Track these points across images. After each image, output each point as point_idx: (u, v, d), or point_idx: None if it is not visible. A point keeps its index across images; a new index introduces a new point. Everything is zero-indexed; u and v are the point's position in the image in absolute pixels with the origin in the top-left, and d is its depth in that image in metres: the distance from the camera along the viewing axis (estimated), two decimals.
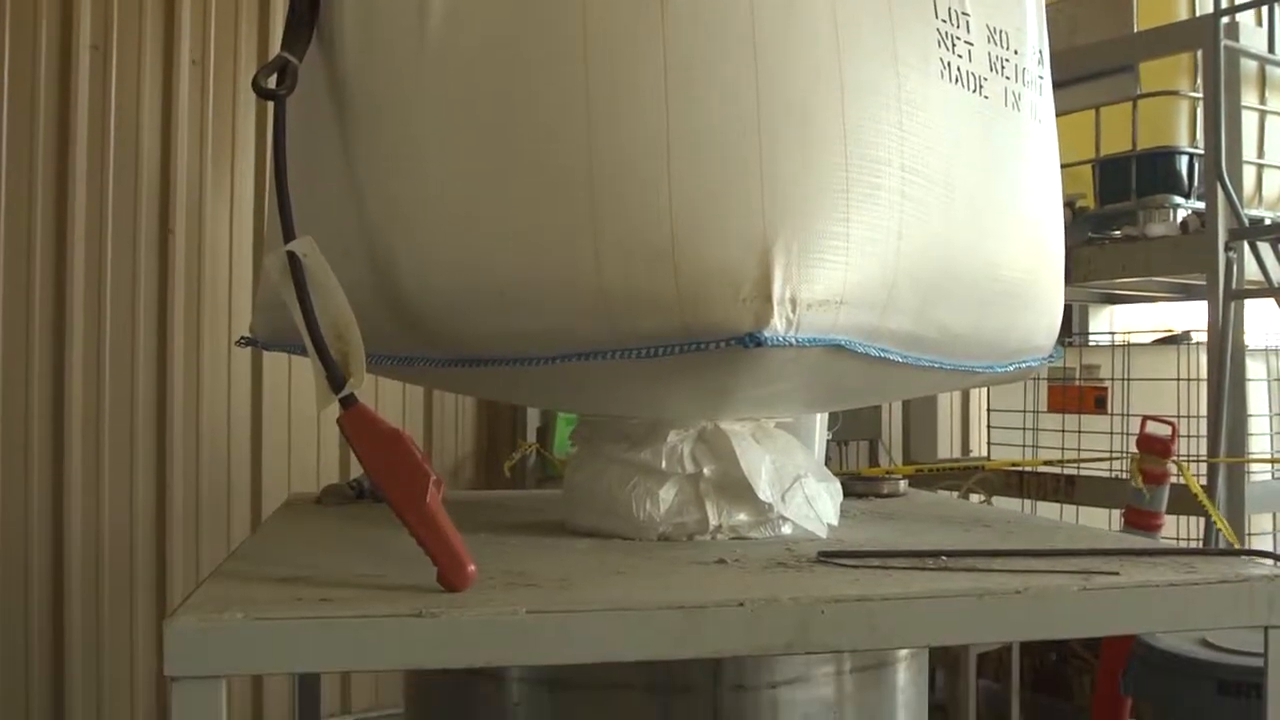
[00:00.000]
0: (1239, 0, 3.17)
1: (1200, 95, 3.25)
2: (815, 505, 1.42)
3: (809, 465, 1.46)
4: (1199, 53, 3.21)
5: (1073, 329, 4.27)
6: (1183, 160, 3.33)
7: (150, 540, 3.66)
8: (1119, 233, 3.46)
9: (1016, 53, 1.45)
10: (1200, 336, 3.36)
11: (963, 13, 1.37)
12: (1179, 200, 3.32)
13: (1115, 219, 3.48)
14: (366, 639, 0.96)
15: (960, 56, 1.35)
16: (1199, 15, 3.37)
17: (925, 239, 1.27)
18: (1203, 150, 3.23)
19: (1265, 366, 3.41)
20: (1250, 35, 3.21)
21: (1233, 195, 3.05)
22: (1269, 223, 3.20)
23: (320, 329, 1.15)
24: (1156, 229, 3.30)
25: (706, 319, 1.14)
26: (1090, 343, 3.97)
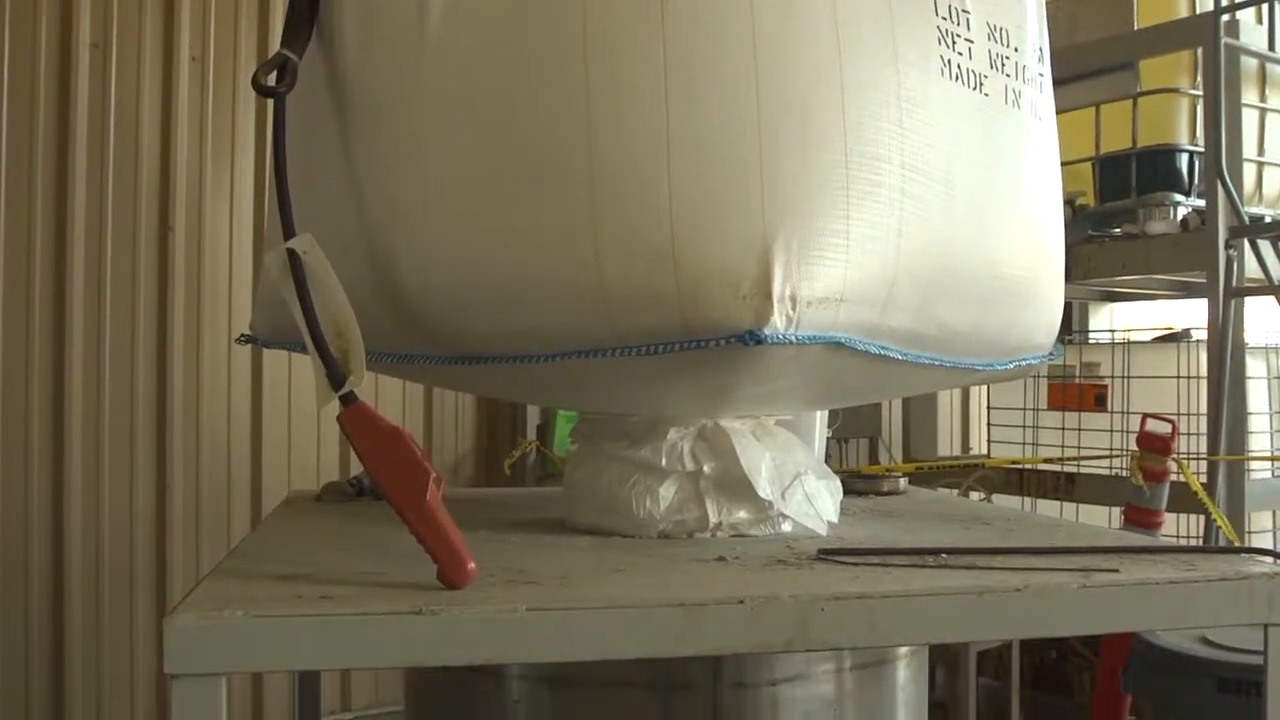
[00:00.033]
0: None
1: (1200, 93, 3.25)
2: (815, 503, 1.42)
3: (809, 463, 1.46)
4: (1199, 50, 3.21)
5: (1073, 327, 4.27)
6: (1183, 158, 3.33)
7: (150, 538, 3.66)
8: (1119, 230, 3.46)
9: (1017, 50, 1.44)
10: (1200, 334, 3.36)
11: (963, 10, 1.37)
12: (1179, 198, 3.32)
13: (1115, 217, 3.48)
14: (366, 636, 0.96)
15: (960, 54, 1.35)
16: (1199, 13, 3.36)
17: (925, 236, 1.27)
18: (1203, 148, 3.23)
19: (1265, 364, 3.41)
20: (1250, 33, 3.21)
21: (1233, 193, 3.05)
22: (1269, 220, 3.20)
23: (320, 326, 1.15)
24: (1157, 227, 3.30)
25: (707, 316, 1.14)
26: (1090, 340, 3.97)
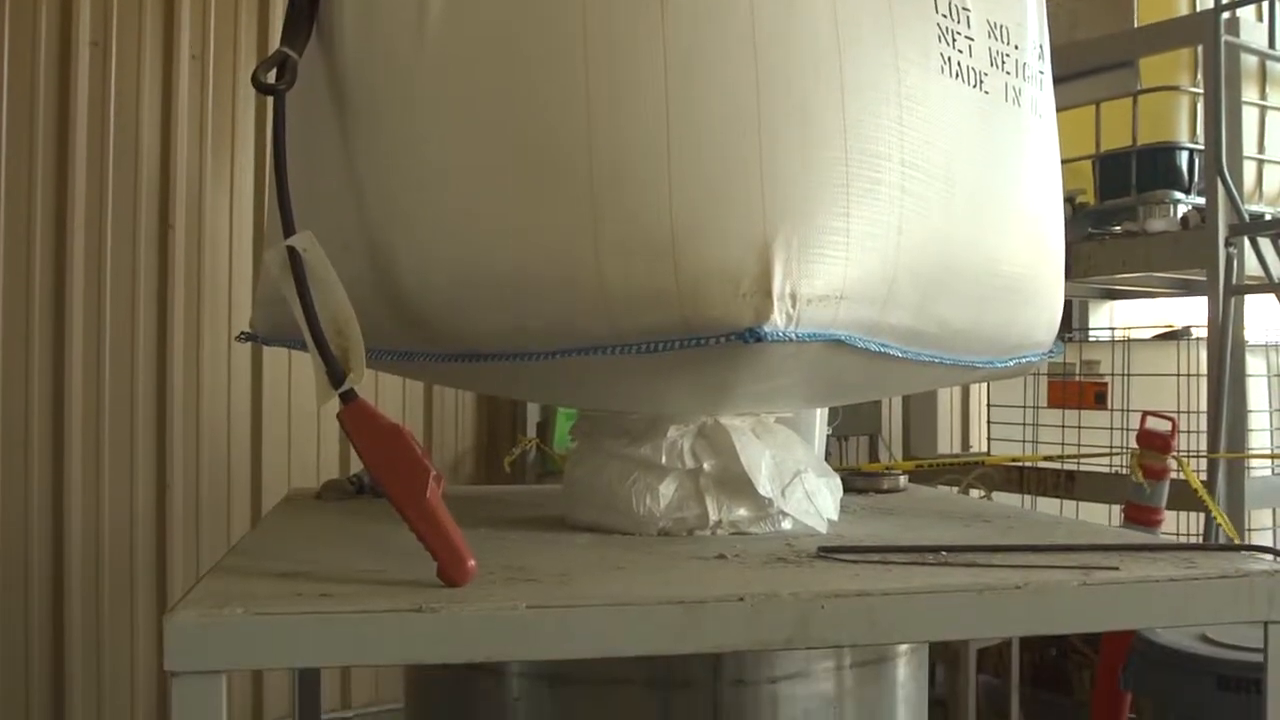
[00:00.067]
0: None
1: (1200, 91, 3.25)
2: (815, 500, 1.42)
3: (809, 460, 1.46)
4: (1199, 48, 3.21)
5: (1073, 324, 4.27)
6: (1183, 156, 3.33)
7: (150, 535, 3.66)
8: (1119, 228, 3.46)
9: (1017, 48, 1.44)
10: (1200, 332, 3.36)
11: (963, 8, 1.37)
12: (1179, 196, 3.32)
13: (1115, 214, 3.48)
14: (366, 634, 0.96)
15: (961, 52, 1.35)
16: (1199, 10, 3.37)
17: (925, 234, 1.27)
18: (1203, 146, 3.24)
19: (1265, 362, 3.41)
20: (1250, 30, 3.21)
21: (1233, 190, 3.05)
22: (1269, 218, 3.20)
23: (320, 324, 1.15)
24: (1157, 224, 3.30)
25: (707, 314, 1.14)
26: (1090, 338, 3.98)
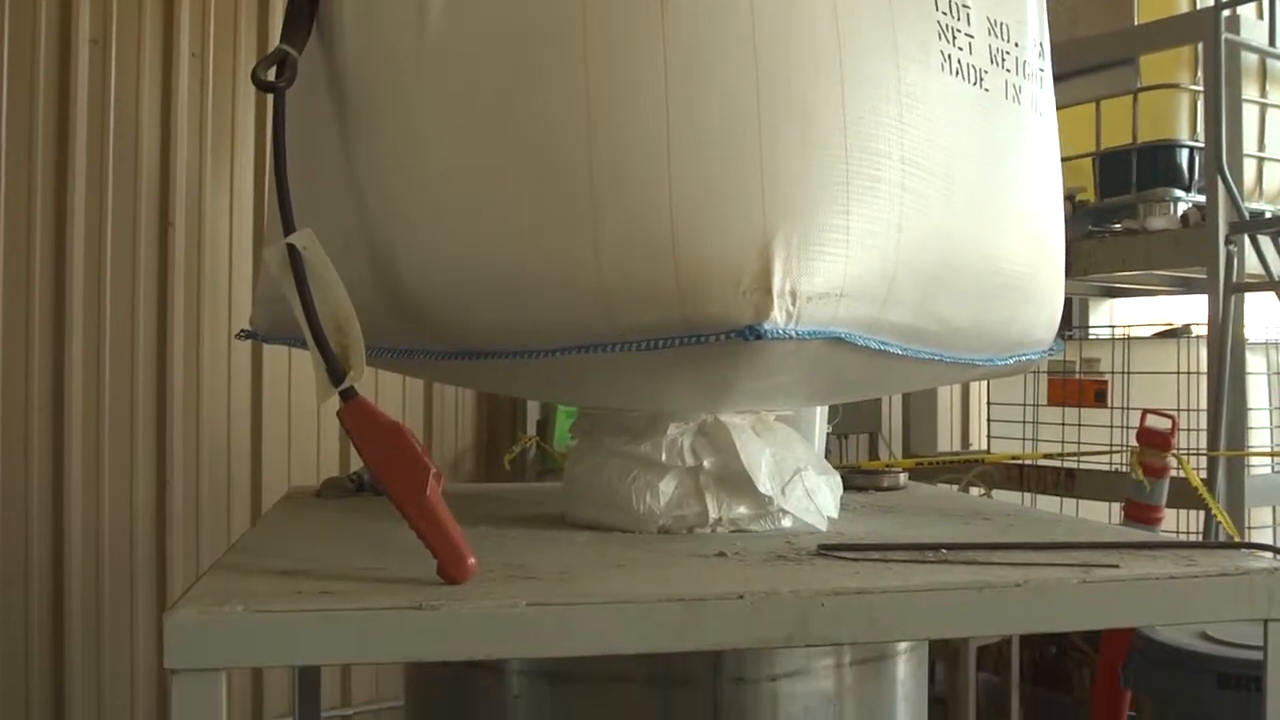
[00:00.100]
0: None
1: (1201, 88, 3.25)
2: (815, 498, 1.42)
3: (809, 458, 1.46)
4: (1200, 45, 3.21)
5: (1073, 322, 4.27)
6: (1183, 153, 3.33)
7: (150, 533, 3.66)
8: (1119, 226, 3.46)
9: (1017, 45, 1.44)
10: (1200, 330, 3.36)
11: (963, 5, 1.36)
12: (1179, 193, 3.32)
13: (1115, 212, 3.48)
14: (366, 632, 0.96)
15: (961, 49, 1.35)
16: (1200, 8, 3.36)
17: (925, 232, 1.27)
18: (1203, 143, 3.23)
19: (1265, 360, 3.41)
20: (1251, 28, 3.21)
21: (1233, 188, 3.05)
22: (1269, 216, 3.19)
23: (320, 322, 1.15)
24: (1157, 222, 3.30)
25: (706, 311, 1.14)
26: (1090, 336, 3.98)
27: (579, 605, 1.01)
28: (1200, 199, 3.26)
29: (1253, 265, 3.11)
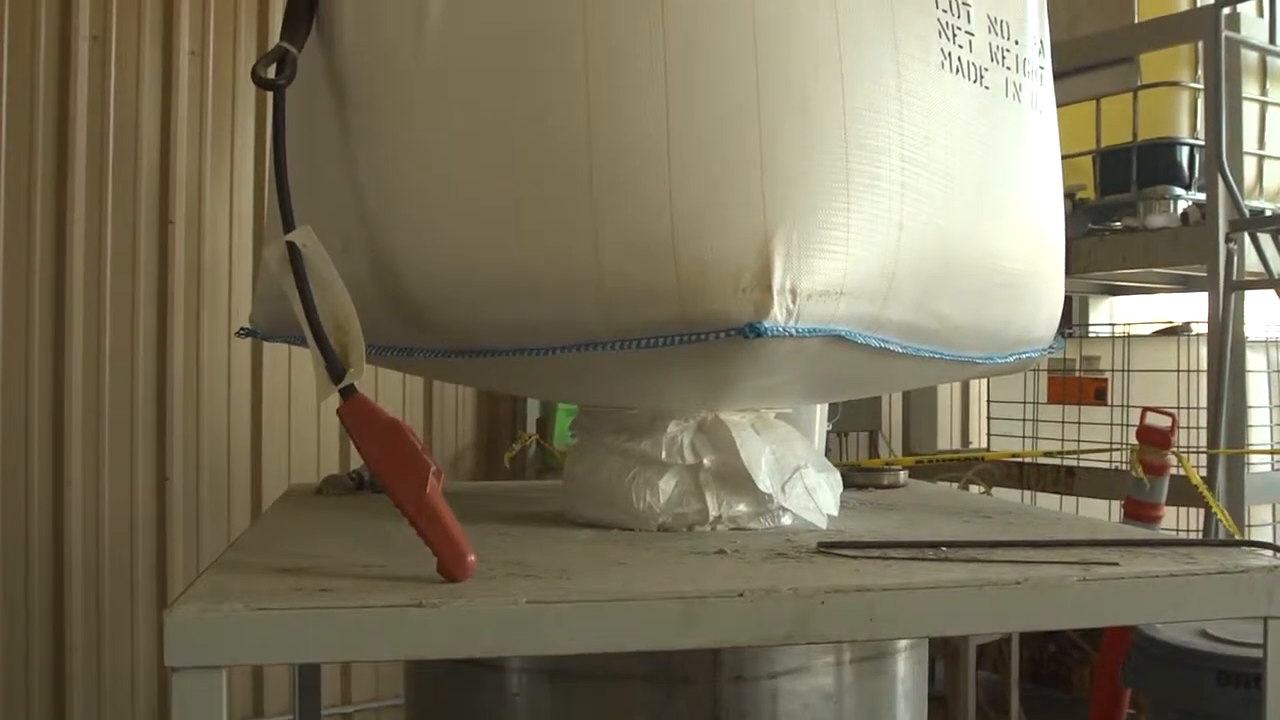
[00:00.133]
0: None
1: (1201, 86, 3.25)
2: (815, 496, 1.42)
3: (809, 456, 1.46)
4: (1200, 43, 3.21)
5: (1073, 320, 4.27)
6: (1183, 151, 3.33)
7: (150, 530, 3.66)
8: (1119, 224, 3.46)
9: (1017, 43, 1.44)
10: (1200, 328, 3.36)
11: (964, 3, 1.36)
12: (1179, 191, 3.32)
13: (1116, 210, 3.48)
14: (367, 629, 0.96)
15: (961, 47, 1.35)
16: (1200, 6, 3.36)
17: (925, 229, 1.27)
18: (1203, 141, 3.23)
19: (1265, 358, 3.41)
20: (1251, 26, 3.21)
21: (1233, 186, 3.04)
22: (1269, 214, 3.20)
23: (320, 319, 1.15)
24: (1157, 220, 3.30)
25: (706, 309, 1.14)
26: (1090, 334, 3.98)
27: (579, 603, 1.01)
28: (1200, 197, 3.26)
29: (1253, 263, 3.11)
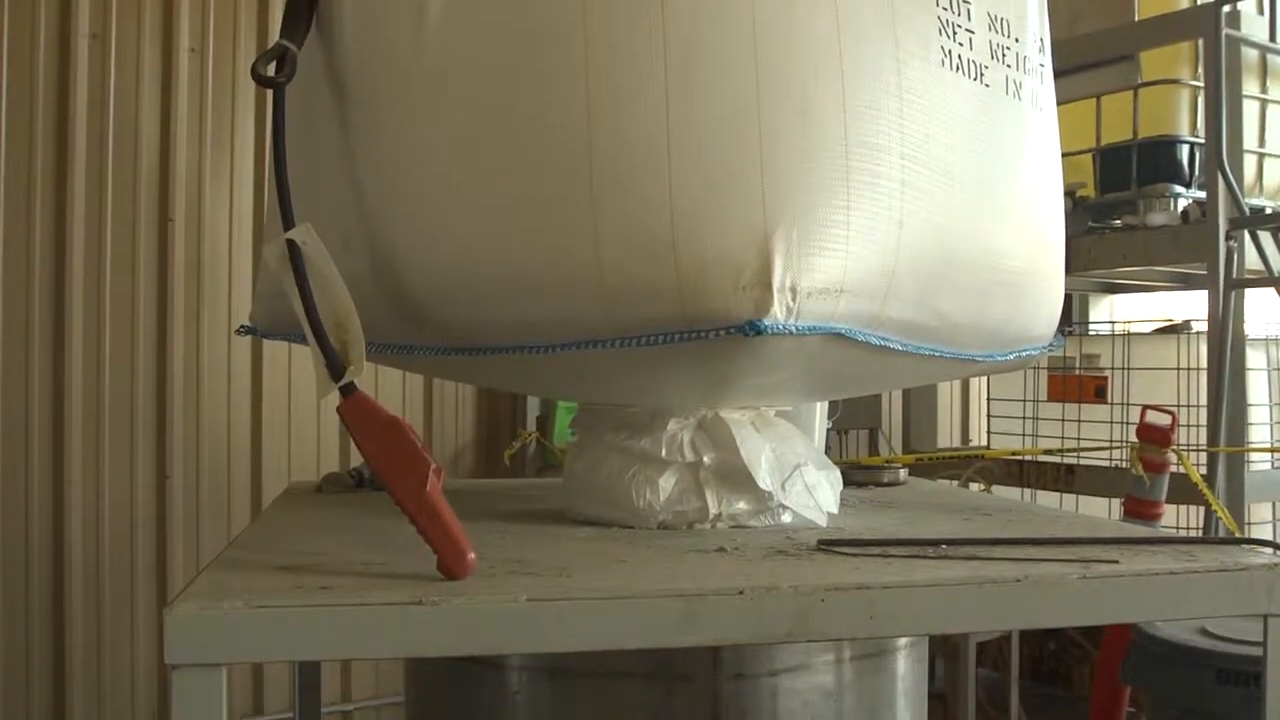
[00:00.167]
0: None
1: (1201, 84, 3.25)
2: (815, 494, 1.42)
3: (809, 454, 1.46)
4: (1200, 41, 3.21)
5: (1073, 318, 4.27)
6: (1183, 149, 3.33)
7: (150, 528, 3.67)
8: (1119, 222, 3.46)
9: (1018, 40, 1.44)
10: (1200, 326, 3.36)
11: (964, 1, 1.36)
12: (1180, 189, 3.32)
13: (1116, 208, 3.48)
14: (367, 627, 0.96)
15: (961, 44, 1.35)
16: (1200, 4, 3.36)
17: (926, 227, 1.27)
18: (1203, 139, 3.23)
19: (1265, 356, 3.41)
20: (1251, 24, 3.21)
21: (1233, 184, 3.04)
22: (1270, 212, 3.19)
23: (320, 317, 1.15)
24: (1157, 218, 3.30)
25: (707, 307, 1.14)
26: (1090, 332, 3.98)
27: (579, 600, 1.01)
28: (1200, 195, 3.26)
29: (1253, 261, 3.11)
